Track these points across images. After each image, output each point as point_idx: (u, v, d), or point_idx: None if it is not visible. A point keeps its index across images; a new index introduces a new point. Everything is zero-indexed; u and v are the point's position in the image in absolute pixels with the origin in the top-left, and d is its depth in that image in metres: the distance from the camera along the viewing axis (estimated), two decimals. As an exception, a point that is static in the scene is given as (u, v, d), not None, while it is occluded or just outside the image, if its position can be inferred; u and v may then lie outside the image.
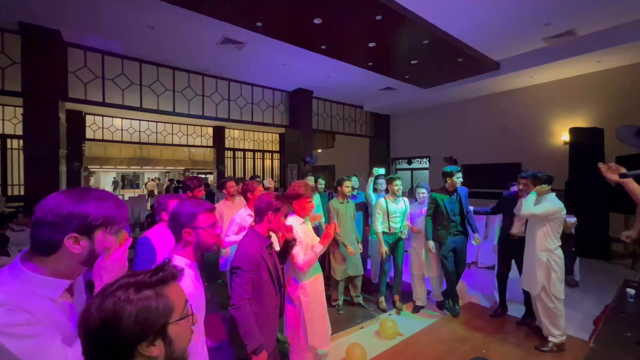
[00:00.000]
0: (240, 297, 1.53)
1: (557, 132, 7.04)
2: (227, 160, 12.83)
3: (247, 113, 8.21)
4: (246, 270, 1.56)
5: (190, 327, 0.69)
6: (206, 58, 6.49)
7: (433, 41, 5.43)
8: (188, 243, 1.25)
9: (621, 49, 5.37)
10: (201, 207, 1.28)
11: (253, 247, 1.65)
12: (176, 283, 0.68)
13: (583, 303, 3.70)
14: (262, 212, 1.74)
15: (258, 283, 1.61)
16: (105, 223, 0.81)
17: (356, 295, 3.57)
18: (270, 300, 1.69)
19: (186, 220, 1.24)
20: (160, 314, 0.61)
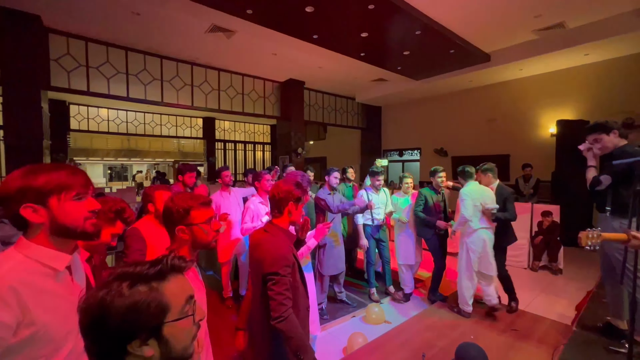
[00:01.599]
0: (284, 307, 1.31)
1: (544, 125, 7.17)
2: (217, 152, 12.66)
3: (237, 104, 8.08)
4: (284, 275, 1.35)
5: (194, 325, 0.63)
6: (195, 46, 6.32)
7: (425, 32, 5.40)
8: (183, 242, 1.14)
9: (609, 41, 5.46)
10: (195, 201, 1.16)
11: (284, 246, 1.42)
12: (178, 277, 0.63)
13: (566, 290, 3.84)
14: (282, 204, 1.50)
15: (294, 286, 1.42)
16: (57, 189, 0.83)
17: (339, 292, 3.53)
18: (303, 302, 1.51)
19: (179, 216, 1.12)
20: (152, 313, 0.56)
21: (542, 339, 2.67)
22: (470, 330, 2.84)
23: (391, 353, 2.54)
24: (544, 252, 4.55)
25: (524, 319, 3.05)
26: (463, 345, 2.01)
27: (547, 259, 4.55)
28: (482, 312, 3.16)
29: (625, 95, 5.98)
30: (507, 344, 2.60)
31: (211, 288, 3.94)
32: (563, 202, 5.12)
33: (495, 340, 2.66)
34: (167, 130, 11.56)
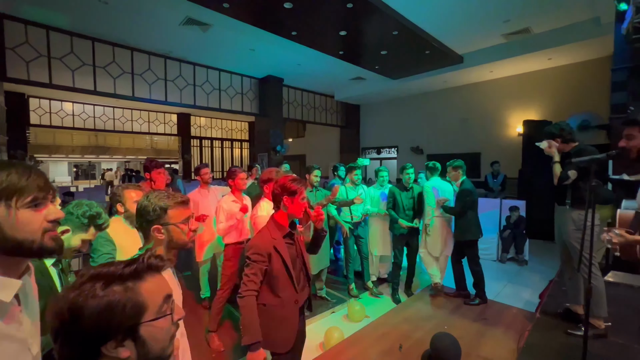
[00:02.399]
0: (246, 287, 1.49)
1: (512, 124, 7.57)
2: (193, 149, 12.30)
3: (214, 100, 7.88)
4: (255, 261, 1.50)
5: (172, 324, 0.62)
6: (168, 39, 6.09)
7: (402, 32, 5.52)
8: (159, 242, 1.10)
9: (569, 47, 5.84)
10: (172, 200, 1.12)
11: (265, 237, 1.57)
12: (156, 276, 0.61)
13: (531, 279, 4.09)
14: (277, 198, 1.59)
15: (272, 275, 1.53)
16: (5, 194, 0.64)
17: (320, 288, 3.55)
18: (288, 294, 1.57)
19: (155, 215, 1.09)
20: (128, 313, 0.54)
21: (509, 326, 2.84)
22: (445, 321, 2.96)
23: (370, 346, 2.60)
24: (511, 245, 4.82)
25: (493, 308, 3.23)
26: (437, 335, 2.10)
27: (514, 251, 4.83)
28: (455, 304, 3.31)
29: (583, 97, 6.43)
30: (478, 332, 2.75)
31: (189, 289, 3.84)
32: (528, 197, 5.44)
33: (467, 329, 2.79)
34: (139, 126, 11.08)
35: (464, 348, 2.34)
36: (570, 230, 2.45)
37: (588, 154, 1.90)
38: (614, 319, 2.73)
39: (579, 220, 2.38)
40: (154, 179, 2.69)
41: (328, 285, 3.76)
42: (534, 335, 2.48)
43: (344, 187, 3.65)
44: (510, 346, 2.51)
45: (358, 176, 3.61)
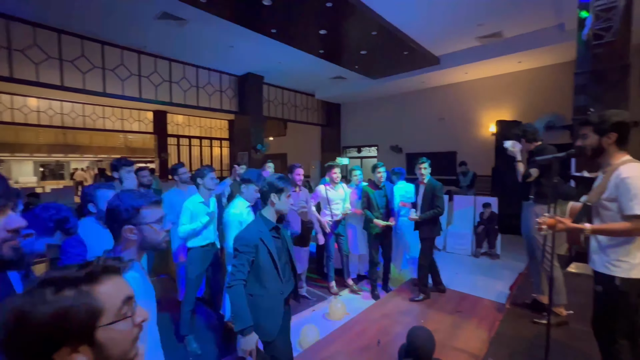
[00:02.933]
0: (234, 277, 1.58)
1: (486, 124, 7.88)
2: (170, 147, 11.93)
3: (191, 97, 7.67)
4: (242, 252, 1.60)
5: (134, 327, 0.60)
6: (142, 33, 5.86)
7: (381, 33, 5.61)
8: (130, 242, 1.08)
9: (537, 51, 6.15)
10: (145, 199, 1.10)
11: (252, 230, 1.68)
12: (114, 278, 0.59)
13: (502, 273, 4.29)
14: (265, 195, 1.72)
15: (258, 266, 1.64)
16: None
17: (300, 287, 3.55)
18: (274, 285, 1.69)
19: (127, 215, 1.06)
20: (82, 318, 0.52)
21: (482, 317, 2.97)
22: (422, 315, 3.06)
23: (349, 342, 2.64)
24: (484, 240, 5.03)
25: (468, 301, 3.36)
26: (413, 329, 2.16)
27: (487, 246, 5.04)
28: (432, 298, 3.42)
29: (550, 99, 6.80)
30: (453, 325, 2.86)
31: (165, 292, 3.74)
32: (500, 194, 5.69)
33: (442, 322, 2.90)
34: (112, 123, 10.61)
35: (440, 340, 2.43)
36: (532, 224, 2.63)
37: (549, 152, 2.04)
38: (576, 308, 2.92)
39: (540, 214, 2.57)
40: (123, 179, 2.55)
41: (308, 284, 3.77)
42: (503, 325, 2.62)
43: (324, 187, 3.67)
44: (482, 336, 2.62)
45: (337, 174, 3.63)
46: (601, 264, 1.69)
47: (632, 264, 1.59)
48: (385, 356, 2.44)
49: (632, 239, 1.59)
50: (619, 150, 1.68)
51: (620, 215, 1.60)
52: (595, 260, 1.73)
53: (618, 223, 1.60)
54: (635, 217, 1.52)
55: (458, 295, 3.53)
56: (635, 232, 1.55)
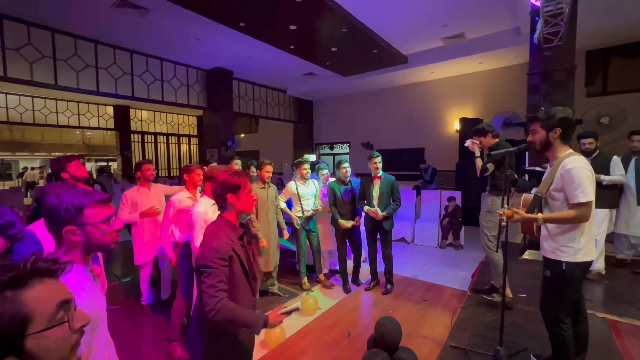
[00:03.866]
0: (216, 299, 1.25)
1: (450, 122, 8.25)
2: (134, 145, 11.30)
3: (156, 91, 7.30)
4: (215, 267, 1.29)
5: (72, 332, 0.56)
6: (98, 22, 5.47)
7: (351, 30, 5.66)
8: (73, 245, 0.98)
9: (496, 53, 6.53)
10: (89, 197, 1.00)
11: (222, 238, 1.36)
12: (46, 282, 0.55)
13: (466, 262, 4.53)
14: (221, 197, 1.44)
15: (231, 280, 1.36)
16: None
17: (272, 284, 3.50)
18: (246, 299, 1.44)
19: (67, 215, 0.96)
20: (6, 326, 0.48)
21: (445, 305, 3.12)
22: (390, 306, 3.16)
23: (321, 336, 2.67)
24: (449, 232, 5.28)
25: (433, 290, 3.52)
26: (380, 320, 2.23)
27: (452, 237, 5.30)
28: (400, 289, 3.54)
29: (508, 98, 7.25)
30: (419, 314, 2.98)
31: (128, 296, 3.56)
32: (464, 188, 6.00)
33: (409, 312, 3.01)
34: (67, 119, 9.82)
35: (406, 329, 2.52)
36: (482, 213, 2.87)
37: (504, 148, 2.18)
38: (528, 291, 3.16)
39: (491, 204, 2.80)
40: (75, 176, 2.33)
41: (279, 280, 3.75)
42: (464, 311, 2.77)
43: (294, 183, 3.66)
44: (445, 323, 2.76)
45: (307, 170, 3.63)
46: (550, 250, 1.83)
47: (576, 248, 1.74)
48: (355, 348, 2.49)
49: (576, 226, 1.73)
50: (564, 144, 1.83)
51: (566, 204, 1.75)
52: (545, 247, 1.88)
53: (565, 211, 1.74)
54: (580, 204, 1.67)
55: (424, 285, 3.68)
56: (581, 219, 1.69)
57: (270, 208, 3.34)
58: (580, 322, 1.93)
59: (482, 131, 2.94)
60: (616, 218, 3.63)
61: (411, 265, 4.39)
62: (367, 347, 2.32)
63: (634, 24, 5.33)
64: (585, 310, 1.97)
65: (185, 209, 2.60)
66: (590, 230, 1.78)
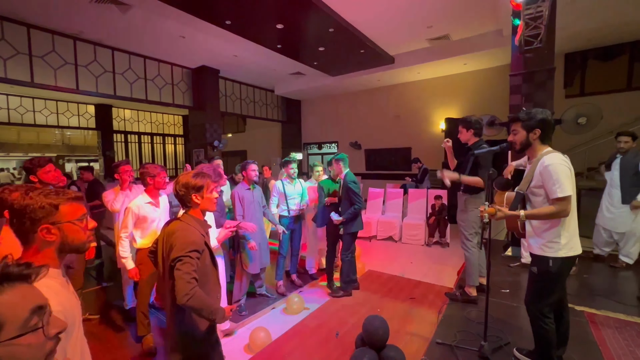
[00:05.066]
0: (191, 285, 1.35)
1: (436, 121, 8.38)
2: (117, 144, 10.98)
3: (139, 90, 7.11)
4: (192, 258, 1.40)
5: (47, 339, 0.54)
6: (77, 17, 5.27)
7: (338, 30, 5.67)
8: (46, 244, 0.94)
9: (480, 55, 6.66)
10: (63, 195, 0.97)
11: (194, 232, 1.48)
12: (17, 287, 0.53)
13: (452, 259, 4.61)
14: (185, 199, 1.54)
15: (203, 270, 1.48)
16: None
17: (260, 286, 3.45)
18: (215, 291, 1.57)
19: (42, 214, 0.93)
20: None
21: (432, 302, 3.17)
22: (378, 304, 3.18)
23: (309, 336, 2.66)
24: (436, 230, 5.37)
25: (420, 288, 3.57)
26: (368, 318, 2.24)
27: (438, 235, 5.38)
28: (387, 287, 3.57)
29: (492, 98, 7.42)
30: (406, 311, 3.01)
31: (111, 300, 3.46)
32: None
33: (396, 310, 3.04)
34: (45, 118, 9.45)
35: (394, 326, 2.54)
36: (459, 212, 2.93)
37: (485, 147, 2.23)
38: (511, 287, 3.24)
39: (465, 204, 2.87)
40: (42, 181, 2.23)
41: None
42: (450, 308, 2.81)
43: (281, 182, 3.64)
44: (432, 319, 2.80)
45: (294, 169, 3.61)
46: (536, 246, 1.88)
47: (561, 244, 1.79)
48: (343, 347, 2.49)
49: (560, 221, 1.78)
50: (542, 143, 1.88)
51: (546, 200, 1.80)
52: (532, 244, 1.92)
53: (546, 207, 1.79)
54: (558, 199, 1.72)
55: (412, 283, 3.73)
56: (561, 214, 1.74)
57: (257, 209, 3.28)
58: (562, 316, 1.99)
59: (467, 124, 2.90)
60: (599, 210, 3.79)
61: (399, 264, 4.44)
62: (355, 346, 2.33)
63: (609, 29, 5.55)
64: (567, 305, 2.03)
65: (144, 217, 2.51)
66: (574, 225, 1.83)
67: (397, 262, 4.54)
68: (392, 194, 6.20)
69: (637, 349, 2.22)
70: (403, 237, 5.57)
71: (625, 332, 2.43)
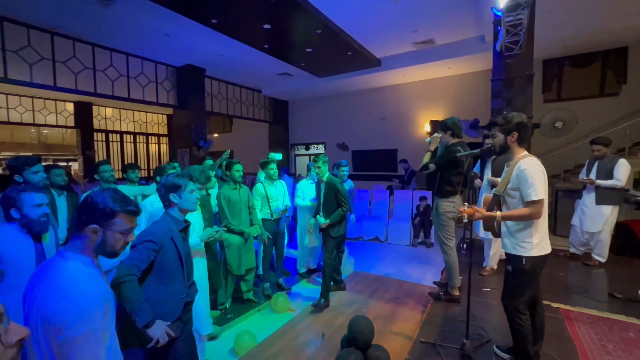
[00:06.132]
0: (128, 270, 1.36)
1: (421, 123, 8.54)
2: (97, 144, 10.63)
3: (121, 88, 6.91)
4: (146, 247, 1.42)
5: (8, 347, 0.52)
6: (54, 11, 5.07)
7: (325, 32, 5.69)
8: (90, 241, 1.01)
9: (464, 59, 6.84)
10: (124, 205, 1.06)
11: (162, 227, 1.54)
12: None
13: (436, 259, 4.71)
14: (164, 196, 1.63)
15: (163, 267, 1.49)
16: None
17: (247, 290, 3.36)
18: (178, 288, 1.56)
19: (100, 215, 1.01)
20: None
21: (417, 301, 3.23)
22: (363, 305, 3.21)
23: (294, 338, 2.65)
24: (421, 230, 5.47)
25: (405, 287, 3.62)
26: (353, 319, 2.26)
27: (423, 235, 5.49)
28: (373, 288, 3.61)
29: (475, 102, 7.61)
30: (391, 311, 3.05)
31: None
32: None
33: (382, 310, 3.08)
34: (19, 115, 9.04)
35: (379, 326, 2.57)
36: (434, 216, 2.97)
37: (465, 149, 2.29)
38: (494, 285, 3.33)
39: (440, 207, 2.88)
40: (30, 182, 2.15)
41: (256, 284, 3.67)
42: (434, 307, 2.87)
43: (262, 185, 3.59)
44: (416, 319, 2.85)
45: (274, 170, 3.56)
46: (510, 246, 1.95)
47: (533, 244, 1.86)
48: (329, 348, 2.50)
49: (532, 223, 1.86)
50: (519, 147, 1.95)
51: (521, 202, 1.87)
52: (506, 244, 1.99)
53: (520, 209, 1.86)
54: (532, 202, 1.79)
55: (397, 282, 3.78)
56: (534, 215, 1.81)
57: (243, 209, 3.25)
58: (537, 312, 2.07)
59: (444, 126, 2.92)
60: (575, 211, 3.97)
61: (384, 264, 4.50)
62: (340, 346, 2.34)
63: (583, 37, 5.82)
64: (542, 301, 2.11)
65: None
66: (544, 226, 1.91)
67: (383, 262, 4.59)
68: (378, 195, 6.27)
69: (607, 343, 2.33)
70: (389, 237, 5.64)
71: (597, 327, 2.55)
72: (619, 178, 3.45)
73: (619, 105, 6.33)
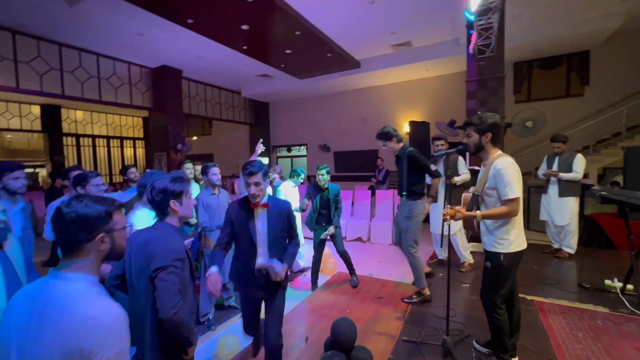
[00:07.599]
0: (178, 297, 1.26)
1: (401, 124, 8.70)
2: (67, 148, 10.12)
3: (91, 90, 6.60)
4: (177, 267, 1.30)
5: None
6: (16, 8, 4.79)
7: (304, 33, 5.69)
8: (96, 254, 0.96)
9: (440, 61, 7.03)
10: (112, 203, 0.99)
11: (177, 241, 1.36)
12: None
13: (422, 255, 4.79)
14: (162, 204, 1.41)
15: (185, 283, 1.37)
16: None
17: (229, 297, 3.31)
18: (190, 304, 1.43)
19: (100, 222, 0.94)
20: None
21: (399, 300, 3.25)
22: (347, 306, 3.20)
23: (278, 344, 2.60)
24: (403, 230, 5.55)
25: (388, 287, 3.65)
26: (336, 321, 2.24)
27: (405, 234, 5.57)
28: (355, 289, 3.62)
29: (452, 102, 7.84)
30: (374, 311, 3.06)
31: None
32: (415, 187, 6.36)
33: (365, 310, 3.08)
34: (-22, 119, 8.46)
35: (363, 327, 2.57)
36: (401, 218, 3.02)
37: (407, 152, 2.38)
38: (472, 281, 3.42)
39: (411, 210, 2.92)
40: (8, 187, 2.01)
41: (236, 289, 3.60)
42: (416, 305, 2.91)
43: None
44: (399, 318, 2.87)
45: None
46: (489, 243, 2.00)
47: (510, 240, 1.92)
48: (312, 351, 2.47)
49: (509, 220, 1.92)
50: (494, 146, 2.01)
51: (498, 200, 1.92)
52: (485, 241, 2.05)
53: (498, 207, 1.91)
54: (509, 200, 1.85)
55: (380, 282, 3.81)
56: (512, 213, 1.87)
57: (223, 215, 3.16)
58: (514, 306, 2.14)
59: (386, 135, 3.00)
60: (541, 206, 4.18)
61: (367, 264, 4.52)
62: (324, 349, 2.32)
63: (549, 42, 6.13)
64: (518, 295, 2.18)
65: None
66: (520, 223, 1.98)
67: (366, 262, 4.62)
68: (360, 195, 6.32)
69: (577, 332, 2.44)
70: (372, 237, 5.69)
71: (568, 317, 2.67)
72: (578, 171, 3.79)
73: (584, 105, 6.71)
